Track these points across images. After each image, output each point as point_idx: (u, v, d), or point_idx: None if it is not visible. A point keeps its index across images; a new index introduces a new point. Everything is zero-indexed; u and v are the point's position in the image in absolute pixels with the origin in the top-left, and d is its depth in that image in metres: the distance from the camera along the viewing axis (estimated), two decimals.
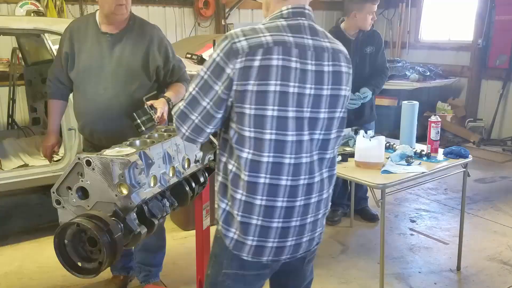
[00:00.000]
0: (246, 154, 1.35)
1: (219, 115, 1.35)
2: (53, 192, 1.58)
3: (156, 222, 1.69)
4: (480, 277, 2.95)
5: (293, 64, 1.33)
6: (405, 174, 2.50)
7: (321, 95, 1.39)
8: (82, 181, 1.53)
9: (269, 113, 1.32)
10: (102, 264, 1.44)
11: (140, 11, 5.87)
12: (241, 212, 1.38)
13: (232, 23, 6.70)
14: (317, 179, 1.44)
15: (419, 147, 2.94)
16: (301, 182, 1.40)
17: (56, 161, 3.54)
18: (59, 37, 3.36)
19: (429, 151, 2.82)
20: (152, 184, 1.63)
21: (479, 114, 6.50)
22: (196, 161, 1.93)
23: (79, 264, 1.50)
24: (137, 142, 1.77)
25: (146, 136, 1.90)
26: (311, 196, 1.44)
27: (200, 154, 1.95)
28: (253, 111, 1.31)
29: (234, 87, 1.30)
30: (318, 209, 1.48)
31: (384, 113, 6.16)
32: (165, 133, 1.89)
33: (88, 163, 1.50)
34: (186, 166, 1.85)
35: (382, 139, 2.62)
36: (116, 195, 1.51)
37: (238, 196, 1.37)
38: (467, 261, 3.09)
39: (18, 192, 3.80)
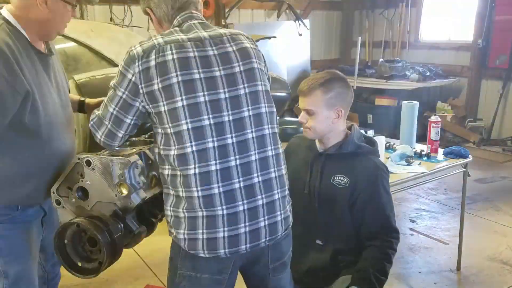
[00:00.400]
0: (173, 151, 1.37)
1: (128, 120, 1.43)
2: (53, 192, 1.58)
3: (156, 222, 1.69)
4: (480, 277, 2.95)
5: (191, 54, 1.39)
6: (405, 174, 2.50)
7: (234, 73, 1.43)
8: (82, 181, 1.53)
9: (179, 104, 1.36)
10: (102, 264, 1.44)
11: (140, 11, 5.86)
12: (186, 210, 1.39)
13: (232, 23, 6.69)
14: (256, 157, 1.43)
15: (419, 147, 2.94)
16: (232, 163, 1.40)
17: None
18: (59, 37, 3.38)
19: (429, 151, 2.82)
20: (152, 184, 1.63)
21: (479, 114, 6.50)
22: None
23: (79, 264, 1.50)
24: (137, 142, 1.77)
25: (147, 136, 1.90)
26: (252, 176, 1.42)
27: None
28: (166, 107, 1.36)
29: (141, 91, 1.37)
30: (270, 189, 1.46)
31: (384, 113, 6.18)
32: None
33: (88, 163, 1.50)
34: None
35: (382, 139, 2.61)
36: (116, 195, 1.51)
37: (181, 194, 1.39)
38: (467, 261, 3.09)
39: None
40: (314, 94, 1.74)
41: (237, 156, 1.40)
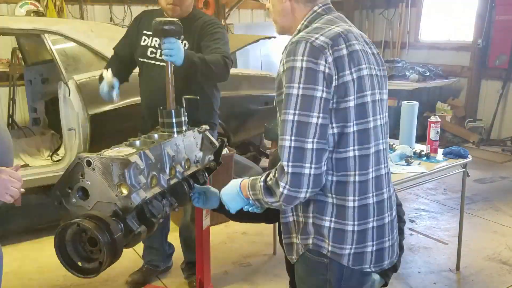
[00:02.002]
0: (352, 152, 1.24)
1: (328, 121, 1.21)
2: (53, 192, 1.58)
3: (156, 222, 1.70)
4: (479, 277, 2.95)
5: (364, 48, 1.31)
6: (405, 174, 2.51)
7: (381, 76, 1.37)
8: (82, 181, 1.53)
9: (368, 98, 1.26)
10: (102, 264, 1.44)
11: (140, 11, 5.87)
12: (357, 221, 1.27)
13: (232, 23, 6.70)
14: (387, 170, 1.37)
15: (419, 147, 2.95)
16: (383, 171, 1.34)
17: (57, 161, 3.55)
18: (59, 37, 3.39)
19: (428, 151, 2.82)
20: (152, 184, 1.64)
21: (478, 114, 6.51)
22: (196, 162, 1.94)
23: (80, 264, 1.51)
24: (137, 142, 1.77)
25: (146, 136, 1.90)
26: (390, 188, 1.39)
27: (200, 155, 1.96)
28: (356, 101, 1.22)
29: (334, 83, 1.19)
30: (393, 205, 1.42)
31: None
32: (166, 134, 1.89)
33: (88, 163, 1.51)
34: (186, 166, 1.85)
35: None
36: (116, 195, 1.51)
37: (351, 204, 1.26)
38: (467, 261, 3.10)
39: None
40: None
41: (386, 164, 1.34)
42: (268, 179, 1.25)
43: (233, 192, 1.42)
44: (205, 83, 2.46)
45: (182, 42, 2.46)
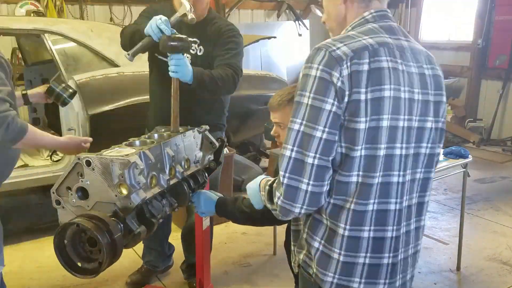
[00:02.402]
0: (355, 178, 1.14)
1: (337, 137, 1.12)
2: (53, 192, 1.58)
3: (155, 222, 1.69)
4: (479, 277, 2.95)
5: (400, 67, 1.17)
6: None
7: (428, 101, 1.22)
8: (82, 181, 1.53)
9: (384, 123, 1.13)
10: (102, 264, 1.44)
11: (140, 11, 5.87)
12: (344, 251, 1.18)
13: (232, 23, 6.70)
14: (414, 200, 1.26)
15: None
16: (404, 204, 1.23)
17: (56, 161, 3.55)
18: (59, 37, 3.39)
19: None
20: (151, 185, 1.63)
21: (479, 114, 6.51)
22: (196, 162, 1.93)
23: (79, 264, 1.50)
24: (137, 142, 1.77)
25: (146, 136, 1.90)
26: (409, 222, 1.27)
27: (200, 155, 1.95)
28: (368, 124, 1.11)
29: (346, 98, 1.10)
30: (415, 240, 1.32)
31: None
32: (165, 134, 1.89)
33: (88, 163, 1.50)
34: (186, 166, 1.85)
35: None
36: (116, 195, 1.50)
37: (340, 231, 1.17)
38: (467, 261, 3.10)
39: (18, 192, 3.80)
40: (283, 109, 1.72)
41: (399, 200, 1.21)
42: (274, 184, 1.22)
43: (254, 188, 1.47)
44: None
45: (198, 47, 2.42)
